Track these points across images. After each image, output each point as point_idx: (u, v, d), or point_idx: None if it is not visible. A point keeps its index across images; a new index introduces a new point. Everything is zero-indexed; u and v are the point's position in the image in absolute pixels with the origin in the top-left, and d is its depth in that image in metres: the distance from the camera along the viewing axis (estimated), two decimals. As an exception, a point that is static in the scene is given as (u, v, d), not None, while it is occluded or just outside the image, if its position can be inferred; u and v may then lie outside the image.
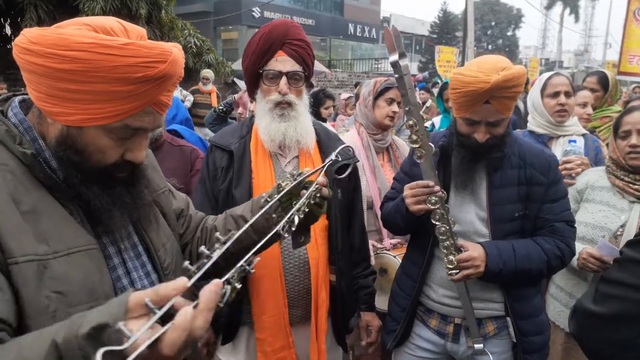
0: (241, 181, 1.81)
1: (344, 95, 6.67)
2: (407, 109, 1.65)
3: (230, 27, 27.14)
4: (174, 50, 0.98)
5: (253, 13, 25.94)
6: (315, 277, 1.81)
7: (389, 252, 2.47)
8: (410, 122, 1.67)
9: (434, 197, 1.73)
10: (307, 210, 1.26)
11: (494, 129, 1.77)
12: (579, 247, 2.11)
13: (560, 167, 2.31)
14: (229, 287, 0.80)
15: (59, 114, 0.95)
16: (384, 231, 2.51)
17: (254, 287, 1.79)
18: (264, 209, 1.17)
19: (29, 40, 0.91)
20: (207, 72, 8.84)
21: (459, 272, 1.76)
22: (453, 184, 1.88)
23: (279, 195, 1.24)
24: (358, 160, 2.08)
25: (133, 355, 0.65)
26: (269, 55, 1.79)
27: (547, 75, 2.77)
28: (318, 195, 1.33)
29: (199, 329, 0.73)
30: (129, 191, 1.07)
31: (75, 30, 0.91)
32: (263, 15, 25.98)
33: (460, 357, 1.96)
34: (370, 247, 2.47)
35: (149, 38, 1.02)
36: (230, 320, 1.85)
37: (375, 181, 2.57)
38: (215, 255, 0.82)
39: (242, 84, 6.35)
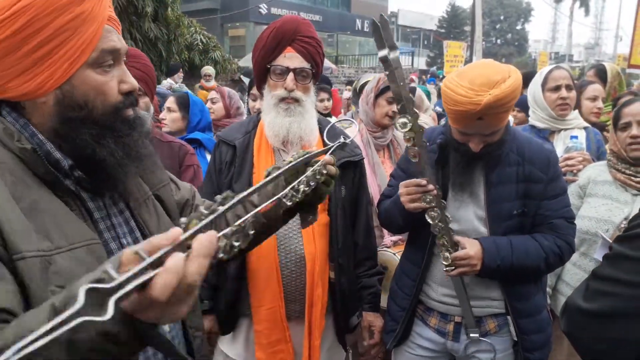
0: (242, 175, 1.83)
1: (346, 95, 6.54)
2: (399, 106, 1.62)
3: (238, 24, 27.14)
4: None
5: (260, 10, 25.93)
6: (311, 273, 1.81)
7: (389, 249, 2.46)
8: (404, 120, 1.64)
9: (429, 196, 1.71)
10: (313, 185, 1.21)
11: (490, 138, 1.73)
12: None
13: (561, 164, 2.30)
14: (225, 241, 0.78)
15: (44, 81, 0.95)
16: (385, 228, 2.49)
17: (252, 279, 1.82)
18: (265, 180, 1.09)
19: None
20: (208, 69, 8.83)
21: (454, 269, 1.75)
22: (451, 183, 1.85)
23: (283, 168, 1.17)
24: (364, 157, 2.07)
25: (117, 295, 0.62)
26: (277, 50, 1.80)
27: (547, 69, 2.74)
28: (325, 172, 1.30)
29: (193, 274, 0.70)
30: (140, 136, 1.08)
31: None
32: (270, 12, 25.93)
33: (460, 355, 1.94)
34: None
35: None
36: (231, 310, 1.88)
37: (375, 178, 2.55)
38: (211, 216, 0.78)
39: (248, 81, 6.28)
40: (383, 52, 1.57)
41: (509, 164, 1.80)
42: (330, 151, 1.35)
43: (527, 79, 2.71)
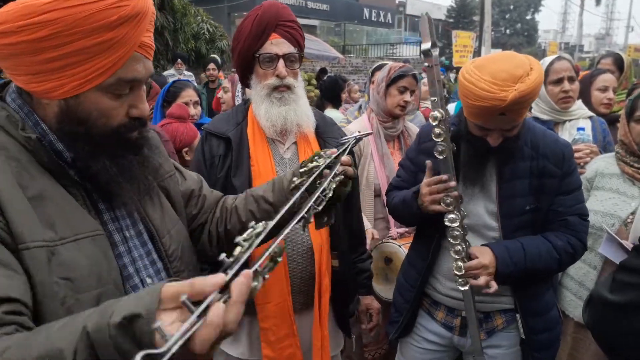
0: (240, 169, 1.77)
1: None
2: (433, 99, 1.61)
3: (245, 13, 26.86)
4: None
5: (267, -2, 25.72)
6: (319, 263, 1.79)
7: (394, 241, 2.44)
8: (437, 114, 1.61)
9: (448, 198, 1.67)
10: (332, 191, 1.20)
11: (508, 132, 1.68)
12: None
13: None
14: (260, 279, 0.77)
15: (51, 89, 0.93)
16: (391, 219, 2.48)
17: None
18: (294, 198, 1.10)
19: None
20: (215, 58, 8.81)
21: (469, 282, 1.70)
22: (462, 176, 1.80)
23: (309, 181, 1.19)
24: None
25: (167, 357, 0.63)
26: (263, 38, 1.75)
27: (548, 60, 2.66)
28: (342, 175, 1.29)
29: (231, 323, 0.71)
30: (137, 160, 1.05)
31: None
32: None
33: (467, 350, 1.92)
34: (375, 234, 2.45)
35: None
36: None
37: (383, 169, 2.53)
38: (251, 248, 0.78)
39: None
40: (426, 45, 1.57)
41: (522, 158, 1.75)
42: (347, 150, 1.32)
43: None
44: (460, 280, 1.71)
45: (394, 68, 2.61)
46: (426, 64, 1.61)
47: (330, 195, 1.18)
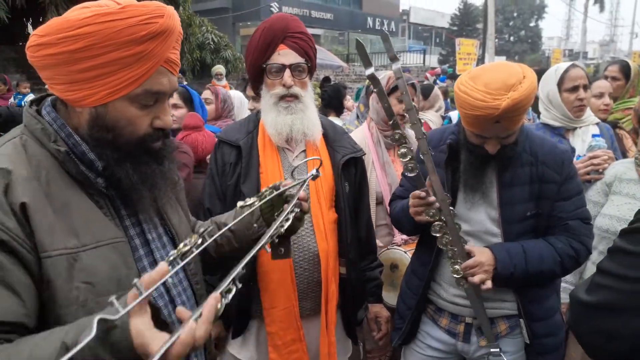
0: (249, 176, 1.82)
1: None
2: (391, 122, 1.64)
3: (249, 23, 27.18)
4: (167, 6, 1.07)
5: (272, 8, 25.94)
6: (325, 270, 1.81)
7: (399, 247, 2.45)
8: (397, 136, 1.66)
9: (431, 210, 1.70)
10: (287, 225, 1.28)
11: (506, 140, 1.71)
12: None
13: (587, 163, 2.29)
14: (223, 301, 0.87)
15: (84, 97, 1.01)
16: (394, 226, 2.49)
17: (263, 281, 1.80)
18: (240, 217, 1.27)
19: (39, 36, 0.99)
20: (220, 68, 8.93)
21: (467, 281, 1.72)
22: (462, 183, 1.82)
23: (255, 206, 1.31)
24: (365, 154, 2.08)
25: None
26: (271, 49, 1.80)
27: (563, 67, 2.66)
28: (298, 209, 1.36)
29: (200, 339, 0.81)
30: (159, 169, 1.13)
31: (75, 12, 1.00)
32: (282, 11, 25.92)
33: (471, 356, 1.92)
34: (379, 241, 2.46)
35: None
36: (240, 313, 1.86)
37: (385, 177, 2.54)
38: (196, 251, 0.91)
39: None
40: (370, 70, 1.60)
41: (521, 164, 1.77)
42: (303, 185, 1.39)
43: (539, 77, 2.66)
44: (462, 282, 1.74)
45: (392, 77, 2.62)
46: (372, 88, 1.63)
47: (285, 227, 1.27)
